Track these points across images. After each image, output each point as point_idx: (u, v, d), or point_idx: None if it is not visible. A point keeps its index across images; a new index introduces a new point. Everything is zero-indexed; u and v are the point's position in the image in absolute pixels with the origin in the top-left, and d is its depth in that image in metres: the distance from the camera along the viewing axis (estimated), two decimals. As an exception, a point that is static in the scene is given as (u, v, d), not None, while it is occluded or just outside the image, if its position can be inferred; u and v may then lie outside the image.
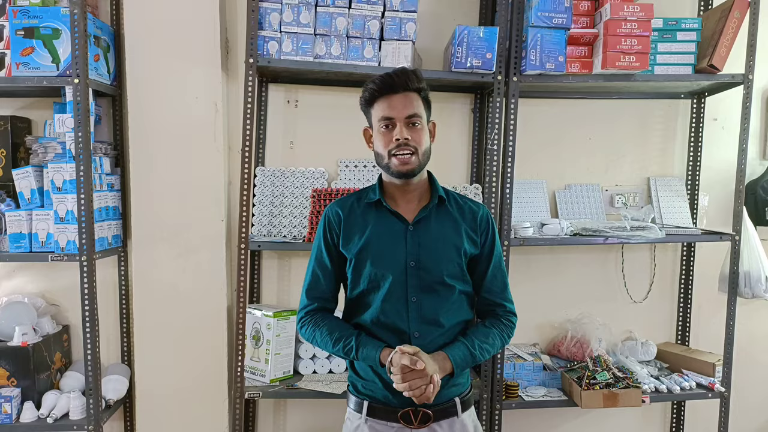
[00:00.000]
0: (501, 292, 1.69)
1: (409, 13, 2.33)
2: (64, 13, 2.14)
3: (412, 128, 1.55)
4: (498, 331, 1.64)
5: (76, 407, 2.27)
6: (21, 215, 2.25)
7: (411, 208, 1.64)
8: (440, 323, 1.59)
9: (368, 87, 1.59)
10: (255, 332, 2.46)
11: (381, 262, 1.59)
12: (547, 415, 2.79)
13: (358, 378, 1.66)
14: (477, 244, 1.65)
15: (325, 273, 1.67)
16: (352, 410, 1.67)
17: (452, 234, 1.62)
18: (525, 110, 2.55)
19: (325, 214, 1.69)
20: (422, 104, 1.59)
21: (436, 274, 1.59)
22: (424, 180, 1.66)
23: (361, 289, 1.62)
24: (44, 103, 2.48)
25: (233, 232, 2.56)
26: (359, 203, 1.67)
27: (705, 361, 2.59)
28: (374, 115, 1.60)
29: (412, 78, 1.57)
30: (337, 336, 1.60)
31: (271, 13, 2.28)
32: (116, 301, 2.57)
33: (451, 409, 1.62)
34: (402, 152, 1.54)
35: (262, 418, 2.70)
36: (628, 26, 2.26)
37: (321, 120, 2.63)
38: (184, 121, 2.43)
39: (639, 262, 2.83)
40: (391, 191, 1.65)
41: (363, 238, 1.61)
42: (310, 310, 1.68)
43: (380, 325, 1.60)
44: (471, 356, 1.58)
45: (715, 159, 2.79)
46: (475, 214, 1.67)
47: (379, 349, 1.54)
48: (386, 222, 1.62)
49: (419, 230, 1.61)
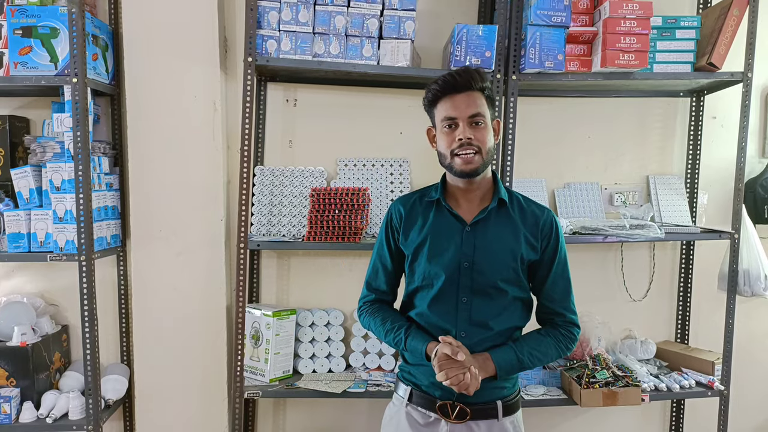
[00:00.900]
0: (562, 300, 1.65)
1: (407, 12, 2.32)
2: (62, 12, 2.14)
3: (475, 127, 1.55)
4: (553, 341, 1.62)
5: (76, 407, 2.27)
6: (20, 215, 2.25)
7: (471, 209, 1.63)
8: (489, 326, 1.58)
9: (431, 87, 1.59)
10: (254, 332, 2.46)
11: (435, 260, 1.60)
12: (547, 413, 2.79)
13: (407, 365, 1.69)
14: (537, 249, 1.62)
15: (385, 267, 1.72)
16: (398, 395, 1.70)
17: (510, 238, 1.60)
18: (524, 109, 2.55)
19: (389, 211, 1.73)
20: (485, 103, 1.58)
21: (490, 277, 1.58)
22: (487, 180, 1.65)
23: (415, 286, 1.65)
24: (42, 102, 2.48)
25: (232, 231, 2.55)
26: (421, 201, 1.69)
27: (704, 359, 2.59)
28: (437, 115, 1.60)
29: (475, 77, 1.56)
30: (389, 327, 1.64)
31: (270, 12, 2.28)
32: (115, 301, 2.56)
33: (491, 411, 1.59)
34: (465, 152, 1.54)
35: (262, 417, 2.70)
36: (627, 24, 2.26)
37: (320, 119, 2.63)
38: (182, 121, 2.43)
39: (638, 260, 2.82)
40: (453, 191, 1.66)
41: (421, 235, 1.63)
42: (368, 301, 1.75)
43: (430, 322, 1.61)
44: (518, 362, 1.56)
45: (715, 157, 2.79)
46: (538, 219, 1.64)
47: (426, 342, 1.56)
48: (444, 221, 1.63)
49: (476, 232, 1.60)
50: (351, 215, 2.37)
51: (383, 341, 1.70)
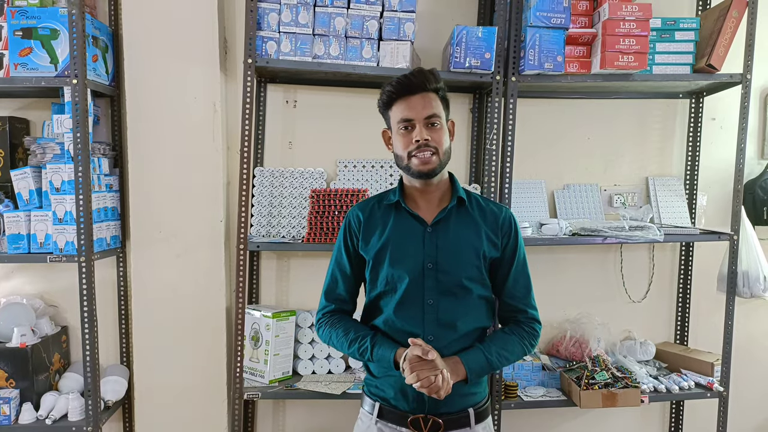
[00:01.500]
0: (524, 297, 1.65)
1: (407, 14, 2.33)
2: (62, 14, 2.14)
3: (431, 128, 1.54)
4: (518, 338, 1.61)
5: (75, 408, 2.27)
6: (19, 216, 2.25)
7: (431, 210, 1.62)
8: (456, 327, 1.57)
9: (386, 89, 1.58)
10: (254, 333, 2.46)
11: (398, 263, 1.58)
12: (546, 415, 2.79)
13: (373, 378, 1.65)
14: (498, 246, 1.62)
15: (344, 275, 1.67)
16: (365, 411, 1.66)
17: (472, 236, 1.60)
18: (523, 110, 2.55)
19: (347, 217, 1.69)
20: (441, 104, 1.58)
21: (455, 276, 1.56)
22: (444, 181, 1.64)
23: (378, 291, 1.61)
24: (42, 103, 2.48)
25: (232, 232, 2.56)
26: (380, 205, 1.67)
27: (704, 360, 2.60)
28: (393, 117, 1.59)
29: (430, 78, 1.56)
30: (353, 337, 1.59)
31: (270, 14, 2.28)
32: (115, 302, 2.56)
33: (463, 420, 1.57)
34: (422, 152, 1.53)
35: (261, 418, 2.70)
36: (626, 26, 2.27)
37: (320, 120, 2.63)
38: (182, 122, 2.43)
39: (638, 261, 2.83)
40: (412, 193, 1.65)
41: (381, 239, 1.61)
42: (327, 312, 1.68)
43: (396, 327, 1.58)
44: (487, 363, 1.54)
45: (714, 158, 2.80)
46: (497, 217, 1.64)
47: (394, 350, 1.53)
48: (405, 223, 1.61)
49: (438, 232, 1.59)
50: (351, 216, 2.37)
51: (347, 353, 1.63)
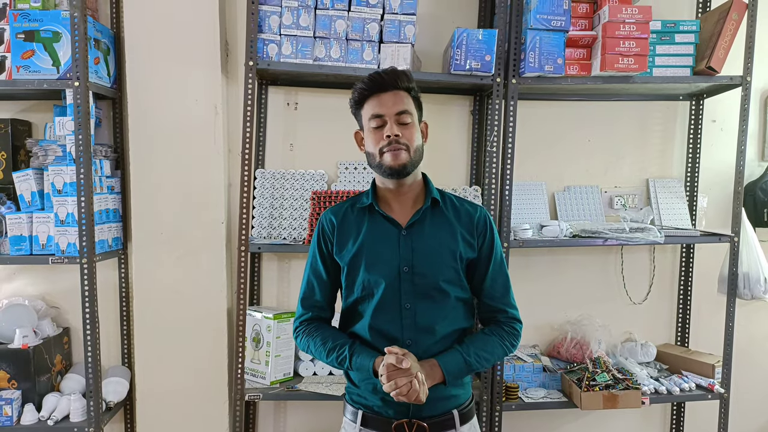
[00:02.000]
0: (502, 297, 1.63)
1: (408, 16, 2.33)
2: (64, 17, 2.15)
3: (402, 126, 1.53)
4: (498, 339, 1.58)
5: (77, 409, 2.27)
6: (21, 218, 2.26)
7: (405, 212, 1.59)
8: (434, 331, 1.54)
9: (357, 87, 1.57)
10: (255, 334, 2.47)
11: (374, 268, 1.55)
12: (547, 416, 2.79)
13: (354, 387, 1.63)
14: (474, 247, 1.59)
15: (320, 282, 1.64)
16: (348, 419, 1.63)
17: (447, 237, 1.57)
18: (524, 112, 2.56)
19: (320, 222, 1.65)
20: (413, 103, 1.57)
21: (431, 279, 1.54)
22: (418, 182, 1.62)
23: (355, 297, 1.59)
24: (45, 105, 2.49)
25: (233, 234, 2.56)
26: (353, 209, 1.63)
27: (704, 362, 2.60)
28: (364, 115, 1.58)
29: (402, 77, 1.55)
30: (331, 346, 1.57)
31: (271, 16, 2.29)
32: (116, 304, 2.57)
33: (448, 422, 1.56)
34: (393, 148, 1.51)
35: (263, 419, 2.71)
36: (626, 28, 2.27)
37: (321, 122, 2.64)
38: (184, 124, 2.44)
39: (638, 263, 2.83)
40: (385, 195, 1.62)
41: (356, 244, 1.58)
42: (305, 320, 1.65)
43: (374, 333, 1.55)
44: (465, 365, 1.52)
45: (714, 160, 2.80)
46: (472, 216, 1.61)
47: (373, 357, 1.50)
48: (379, 227, 1.58)
49: (413, 234, 1.56)
50: (351, 218, 2.37)
51: (325, 362, 1.62)
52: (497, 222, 2.42)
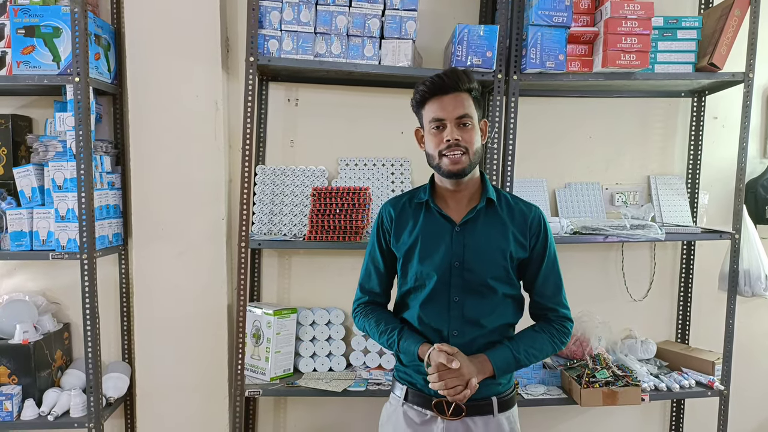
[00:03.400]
0: (553, 296, 1.67)
1: (409, 12, 2.33)
2: (64, 12, 2.15)
3: (462, 128, 1.56)
4: (548, 336, 1.64)
5: (77, 405, 2.28)
6: (22, 213, 2.26)
7: (460, 209, 1.64)
8: (481, 324, 1.60)
9: (419, 89, 1.60)
10: (255, 330, 2.47)
11: (426, 261, 1.61)
12: (547, 413, 2.79)
13: (401, 366, 1.70)
14: (526, 247, 1.64)
15: (377, 270, 1.74)
16: (395, 395, 1.71)
17: (499, 237, 1.62)
18: (525, 109, 2.55)
19: (380, 213, 1.73)
20: (473, 104, 1.59)
21: (480, 275, 1.59)
22: (475, 180, 1.66)
23: (408, 287, 1.66)
24: (45, 101, 2.49)
25: (233, 230, 2.56)
26: (411, 203, 1.70)
27: (704, 359, 2.60)
28: (425, 116, 1.61)
29: (463, 78, 1.57)
30: (383, 329, 1.66)
31: (272, 12, 2.28)
32: (117, 299, 2.57)
33: (486, 407, 1.61)
34: (453, 152, 1.55)
35: (263, 415, 2.71)
36: (628, 24, 2.26)
37: (321, 118, 2.63)
38: (184, 120, 2.43)
39: (639, 260, 2.83)
40: (441, 192, 1.67)
41: (411, 237, 1.64)
42: (362, 303, 1.77)
43: (422, 322, 1.63)
44: (515, 360, 1.58)
45: (716, 157, 2.79)
46: (526, 217, 1.66)
47: (418, 344, 1.58)
48: (434, 222, 1.64)
49: (465, 231, 1.62)
50: (352, 214, 2.37)
51: (377, 342, 1.72)
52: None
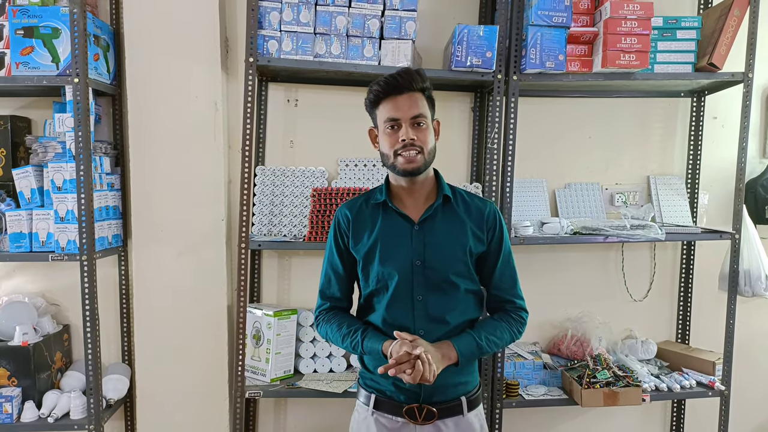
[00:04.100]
0: (510, 288, 1.70)
1: (408, 12, 2.33)
2: (63, 13, 2.14)
3: (417, 128, 1.57)
4: (507, 325, 1.66)
5: (77, 407, 2.27)
6: (21, 215, 2.25)
7: (417, 208, 1.65)
8: (446, 321, 1.61)
9: (373, 89, 1.60)
10: (255, 331, 2.46)
11: (388, 261, 1.62)
12: (548, 413, 2.79)
13: (367, 372, 1.69)
14: (483, 241, 1.66)
15: (337, 274, 1.72)
16: (361, 402, 1.70)
17: (458, 233, 1.64)
18: (525, 109, 2.55)
19: (336, 216, 1.72)
20: (427, 104, 1.61)
21: (442, 272, 1.60)
22: (430, 179, 1.68)
23: (370, 289, 1.66)
24: (44, 102, 2.48)
25: (233, 231, 2.56)
26: (367, 204, 1.70)
27: (705, 359, 2.60)
28: (379, 116, 1.61)
29: (416, 78, 1.58)
30: (345, 331, 1.64)
31: (271, 12, 2.28)
32: (117, 301, 2.57)
33: (456, 408, 1.62)
34: (408, 151, 1.56)
35: (263, 417, 2.71)
36: (628, 25, 2.26)
37: (321, 119, 2.63)
38: (184, 120, 2.43)
39: (639, 260, 2.83)
40: (398, 191, 1.68)
41: (371, 239, 1.64)
42: (323, 310, 1.74)
43: (387, 323, 1.62)
44: (477, 347, 1.59)
45: (715, 157, 2.79)
46: (482, 212, 1.67)
47: (382, 341, 1.57)
48: (393, 222, 1.65)
49: (425, 229, 1.63)
50: (352, 215, 2.37)
51: (341, 347, 1.69)
52: (498, 219, 2.42)
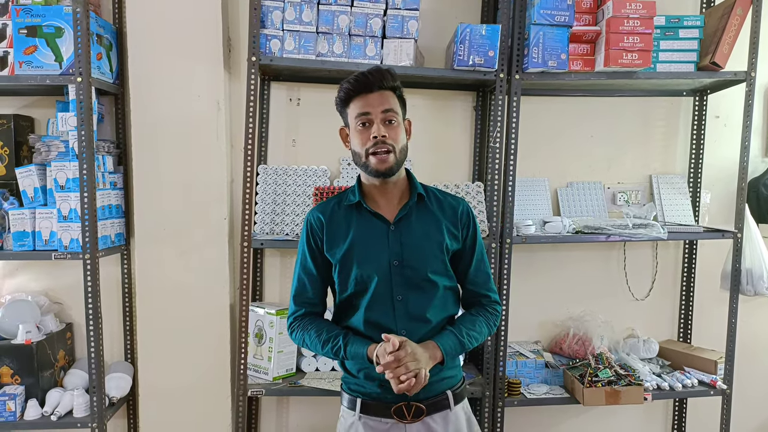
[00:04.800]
0: (485, 283, 1.71)
1: (411, 11, 2.33)
2: (66, 12, 2.15)
3: (388, 125, 1.56)
4: (484, 319, 1.67)
5: (80, 405, 2.28)
6: (24, 213, 2.26)
7: (391, 208, 1.64)
8: (427, 319, 1.60)
9: (343, 86, 1.59)
10: (258, 330, 2.47)
11: (366, 263, 1.60)
12: (550, 412, 2.79)
13: (350, 376, 1.67)
14: (458, 239, 1.66)
15: (311, 279, 1.68)
16: (346, 408, 1.68)
17: (434, 231, 1.63)
18: (527, 108, 2.55)
19: (307, 220, 1.68)
20: (398, 102, 1.60)
21: (420, 271, 1.60)
22: (402, 178, 1.67)
23: (349, 293, 1.63)
24: (47, 101, 2.49)
25: (236, 230, 2.56)
26: (340, 206, 1.67)
27: (707, 358, 2.60)
28: (350, 113, 1.60)
29: (387, 76, 1.57)
30: (325, 337, 1.61)
31: (274, 11, 2.28)
32: (119, 299, 2.58)
33: (443, 402, 1.62)
34: (380, 150, 1.54)
35: (265, 415, 2.71)
36: (630, 24, 2.26)
37: (323, 118, 2.61)
38: (186, 119, 2.43)
39: (641, 259, 2.83)
40: (371, 191, 1.66)
41: (347, 241, 1.62)
42: (298, 316, 1.69)
43: (369, 325, 1.60)
44: (460, 344, 1.59)
45: (717, 156, 2.79)
46: (455, 209, 1.68)
47: (366, 345, 1.55)
48: (368, 223, 1.63)
49: (401, 229, 1.62)
50: (354, 214, 2.37)
51: (320, 354, 1.65)
52: (500, 218, 2.42)
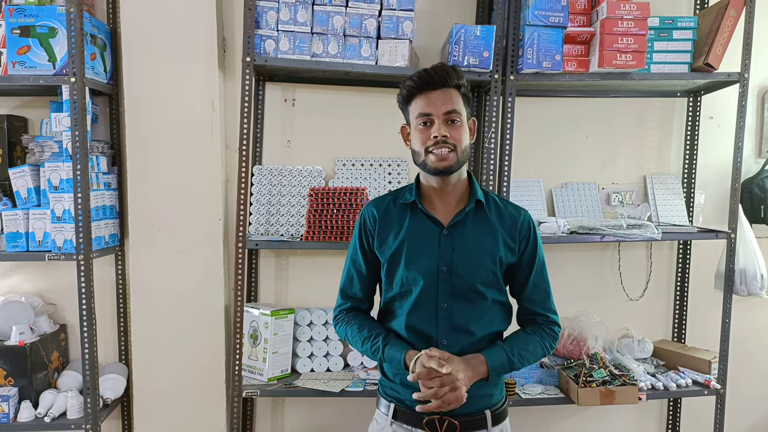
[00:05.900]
0: (543, 301, 1.62)
1: (406, 12, 2.33)
2: (60, 12, 2.14)
3: (450, 125, 1.50)
4: (539, 339, 1.58)
5: (74, 406, 2.27)
6: (18, 214, 2.25)
7: (447, 211, 1.58)
8: (471, 331, 1.53)
9: (406, 84, 1.54)
10: (252, 331, 2.46)
11: (413, 265, 1.54)
12: (544, 412, 2.79)
13: (387, 380, 1.62)
14: (515, 251, 1.58)
15: (360, 274, 1.65)
16: (381, 412, 1.63)
17: (488, 240, 1.56)
18: (522, 109, 2.55)
19: (362, 214, 1.64)
20: (462, 101, 1.53)
21: (469, 280, 1.53)
22: (463, 181, 1.60)
23: (393, 293, 1.59)
24: (41, 101, 2.48)
25: (230, 230, 2.55)
26: (395, 203, 1.62)
27: (701, 358, 2.60)
28: (412, 112, 1.55)
29: (451, 74, 1.52)
30: (366, 335, 1.57)
31: (268, 12, 2.28)
32: (113, 300, 2.57)
33: (480, 422, 1.54)
34: (440, 149, 1.49)
35: (260, 416, 2.71)
36: (624, 25, 2.27)
37: (318, 118, 2.63)
38: (181, 120, 2.43)
39: (635, 259, 2.83)
40: (428, 192, 1.60)
41: (397, 240, 1.57)
42: (344, 309, 1.67)
43: (410, 330, 1.55)
44: (509, 362, 1.51)
45: (711, 157, 2.80)
46: (515, 220, 1.59)
47: (405, 350, 1.50)
48: (421, 225, 1.57)
49: (454, 235, 1.55)
50: (349, 215, 2.37)
51: (360, 350, 1.61)
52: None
